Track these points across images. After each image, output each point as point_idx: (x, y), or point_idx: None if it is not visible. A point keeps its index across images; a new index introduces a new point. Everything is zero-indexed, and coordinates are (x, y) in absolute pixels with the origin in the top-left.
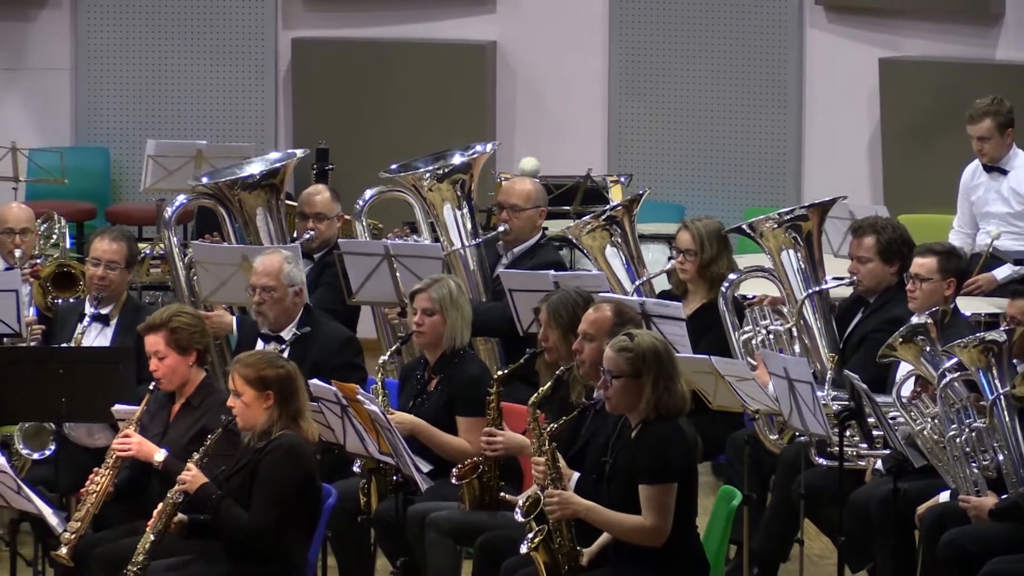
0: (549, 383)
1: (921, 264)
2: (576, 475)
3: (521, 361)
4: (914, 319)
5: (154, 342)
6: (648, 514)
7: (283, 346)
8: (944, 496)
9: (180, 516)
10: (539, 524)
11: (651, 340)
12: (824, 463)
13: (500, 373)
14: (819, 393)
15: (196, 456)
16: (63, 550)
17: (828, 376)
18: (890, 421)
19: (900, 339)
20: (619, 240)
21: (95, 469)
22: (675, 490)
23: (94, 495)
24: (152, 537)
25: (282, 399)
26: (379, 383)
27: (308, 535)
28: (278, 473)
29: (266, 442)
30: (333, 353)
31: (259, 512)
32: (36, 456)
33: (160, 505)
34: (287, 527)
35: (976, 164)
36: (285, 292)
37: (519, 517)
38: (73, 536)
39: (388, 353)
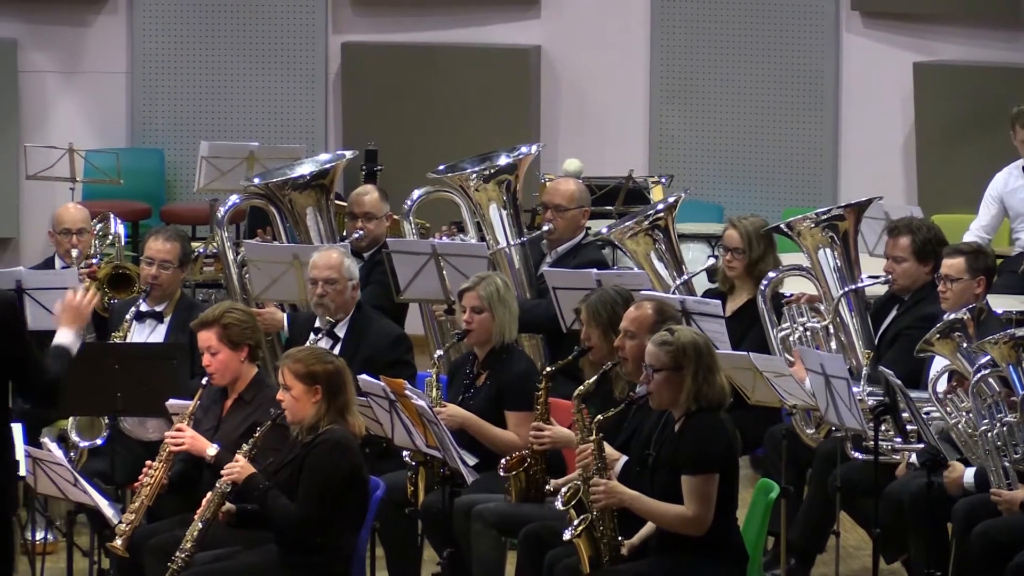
0: (595, 376)
1: (950, 265)
2: (624, 458)
3: (569, 358)
4: (950, 315)
5: (206, 338)
6: (690, 503)
7: (333, 341)
8: (969, 474)
9: (228, 506)
10: (580, 513)
11: (691, 334)
12: (860, 457)
13: (548, 369)
14: (855, 389)
15: (245, 448)
16: (118, 541)
17: (863, 372)
18: (924, 416)
19: (937, 335)
20: (662, 244)
21: (148, 462)
22: (716, 480)
23: (148, 488)
24: (200, 526)
25: (330, 394)
26: (434, 377)
27: (356, 526)
28: (325, 466)
29: (314, 436)
30: (384, 349)
31: (306, 504)
32: (87, 444)
33: (208, 494)
34: (334, 519)
35: (1013, 167)
36: (345, 285)
37: (559, 505)
38: (128, 528)
39: (444, 349)
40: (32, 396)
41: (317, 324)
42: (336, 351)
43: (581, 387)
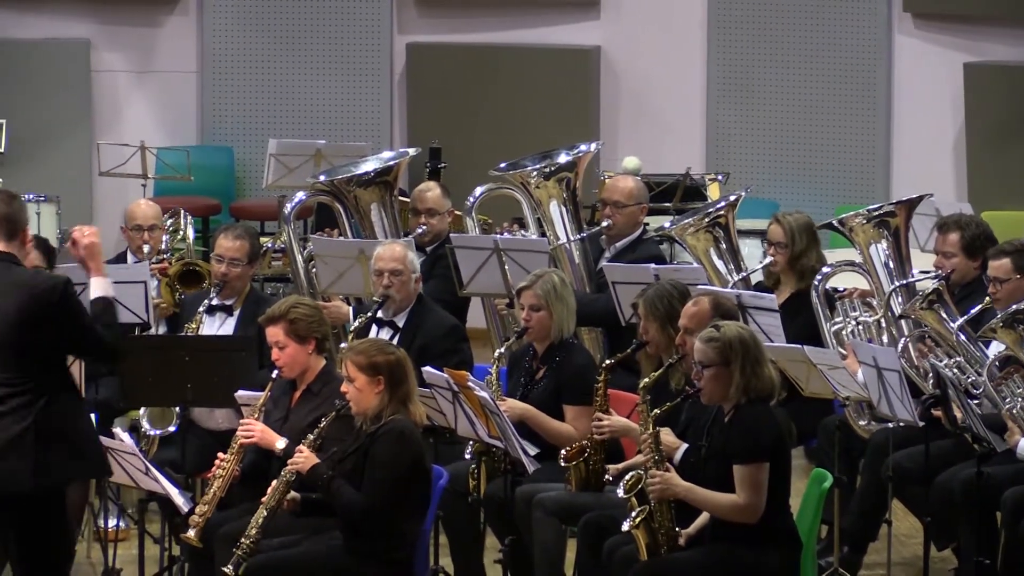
0: (661, 370)
1: (997, 267)
2: (684, 446)
3: (627, 351)
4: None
5: (274, 333)
6: (741, 492)
7: (393, 331)
8: (1022, 445)
9: (293, 494)
10: (640, 502)
11: (736, 329)
12: None
13: (608, 362)
14: None
15: (309, 438)
16: (191, 532)
17: None
18: (974, 407)
19: (1001, 324)
20: (722, 241)
21: (220, 454)
22: (767, 469)
23: (220, 479)
24: (265, 513)
25: (392, 384)
26: (494, 372)
27: (420, 514)
28: (389, 455)
29: (377, 426)
30: (439, 338)
31: (371, 492)
32: (159, 433)
33: (274, 483)
34: (398, 507)
35: None
36: (409, 276)
37: (620, 493)
38: (201, 519)
39: (504, 346)
40: (96, 362)
41: (380, 315)
42: (395, 340)
43: (646, 379)
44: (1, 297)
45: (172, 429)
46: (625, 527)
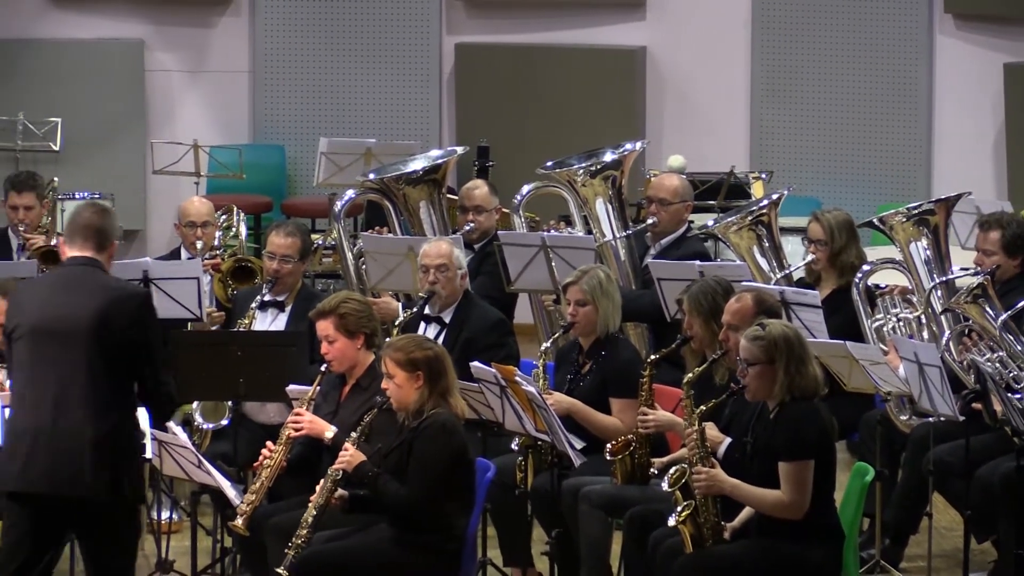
0: (705, 365)
1: None
2: (727, 440)
3: (672, 346)
4: None
5: (324, 327)
6: (787, 489)
7: (440, 327)
8: None
9: (341, 491)
10: (685, 496)
11: (781, 328)
12: None
13: (653, 357)
14: None
15: (354, 436)
16: (239, 520)
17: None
18: (1015, 401)
19: None
20: (765, 239)
21: (269, 444)
22: (811, 466)
23: (268, 469)
24: (315, 512)
25: (431, 378)
26: (540, 367)
27: (467, 506)
28: (432, 449)
29: (419, 420)
30: (484, 332)
31: (415, 486)
32: (211, 427)
33: (322, 481)
34: (444, 499)
35: None
36: (455, 273)
37: (665, 486)
38: (249, 508)
39: (550, 341)
40: (153, 392)
41: (427, 311)
42: (442, 335)
43: (690, 374)
44: (87, 297)
45: (224, 423)
46: (671, 522)
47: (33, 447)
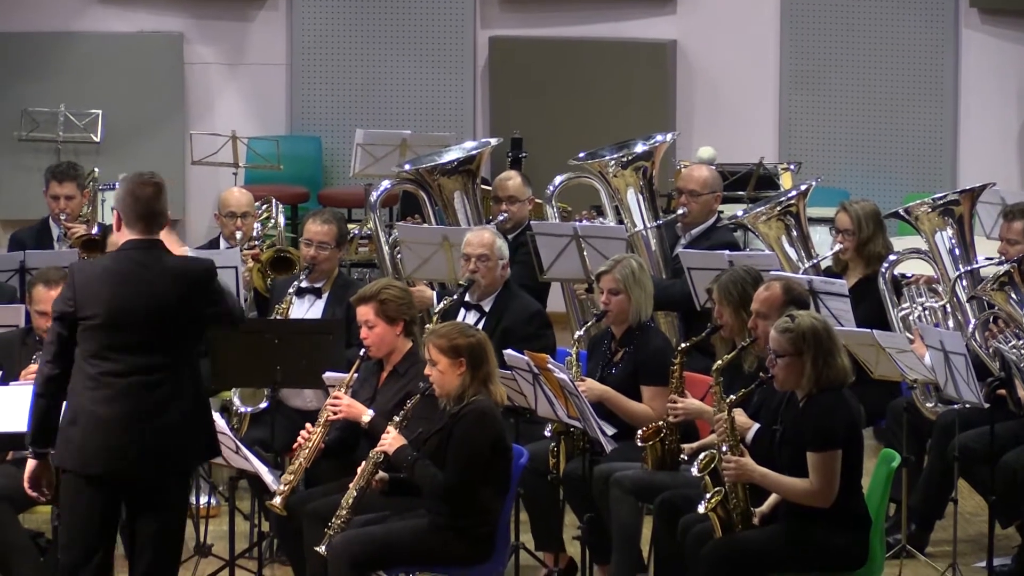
0: (734, 352)
1: None
2: (756, 426)
3: (702, 335)
4: None
5: (364, 312)
6: (815, 478)
7: (480, 315)
8: None
9: (381, 474)
10: (714, 481)
11: (810, 320)
12: None
13: (683, 345)
14: None
15: (396, 419)
16: (277, 500)
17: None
18: None
19: None
20: (793, 229)
21: (308, 426)
22: (839, 457)
23: (306, 451)
24: (355, 493)
25: (473, 365)
26: (573, 355)
27: (502, 492)
28: (471, 435)
29: (460, 406)
30: (522, 323)
31: (454, 471)
32: (250, 410)
33: (363, 464)
34: (480, 484)
35: None
36: (496, 263)
37: (695, 472)
38: (286, 488)
39: (583, 328)
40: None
41: (467, 298)
42: (481, 323)
43: (719, 362)
44: (162, 282)
45: (263, 405)
46: (701, 509)
47: (127, 432)
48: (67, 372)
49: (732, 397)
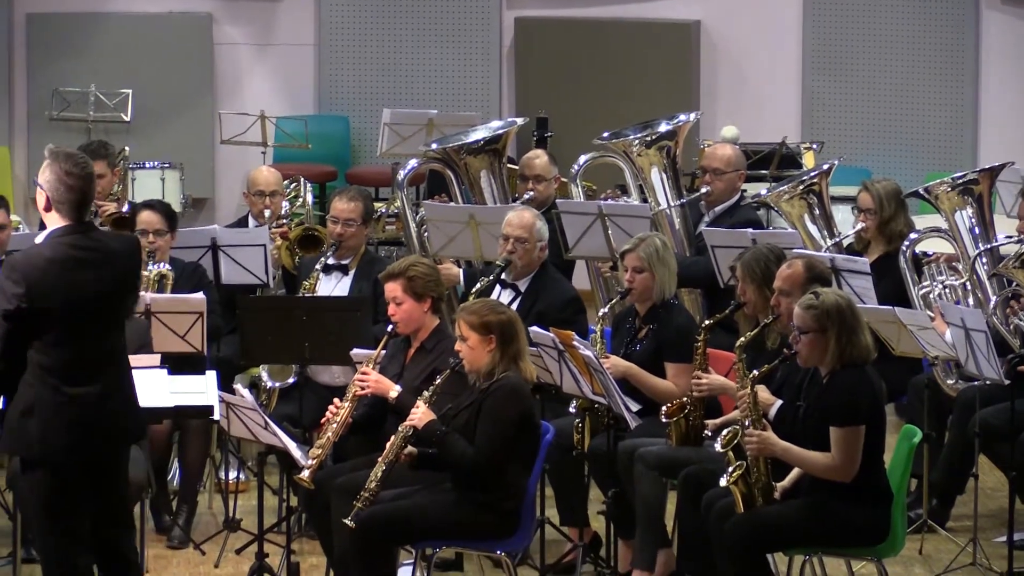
0: (756, 329)
1: None
2: (779, 402)
3: (726, 312)
4: None
5: (392, 289)
6: (837, 453)
7: (515, 295)
8: None
9: (410, 449)
10: (737, 456)
11: (834, 297)
12: None
13: (707, 322)
14: None
15: (426, 394)
16: (305, 474)
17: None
18: None
19: None
20: (816, 207)
21: (335, 401)
22: (862, 432)
23: (334, 426)
24: (384, 467)
25: (503, 342)
26: (598, 332)
27: (528, 467)
28: (501, 411)
29: (490, 383)
30: (557, 308)
31: (483, 446)
32: (279, 385)
33: (392, 438)
34: (508, 459)
35: None
36: (534, 244)
37: (718, 447)
38: (314, 462)
39: (608, 306)
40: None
41: (504, 276)
42: (516, 303)
43: (743, 339)
44: (109, 265)
45: (291, 381)
46: (723, 483)
47: (99, 414)
48: (14, 369)
49: (755, 373)
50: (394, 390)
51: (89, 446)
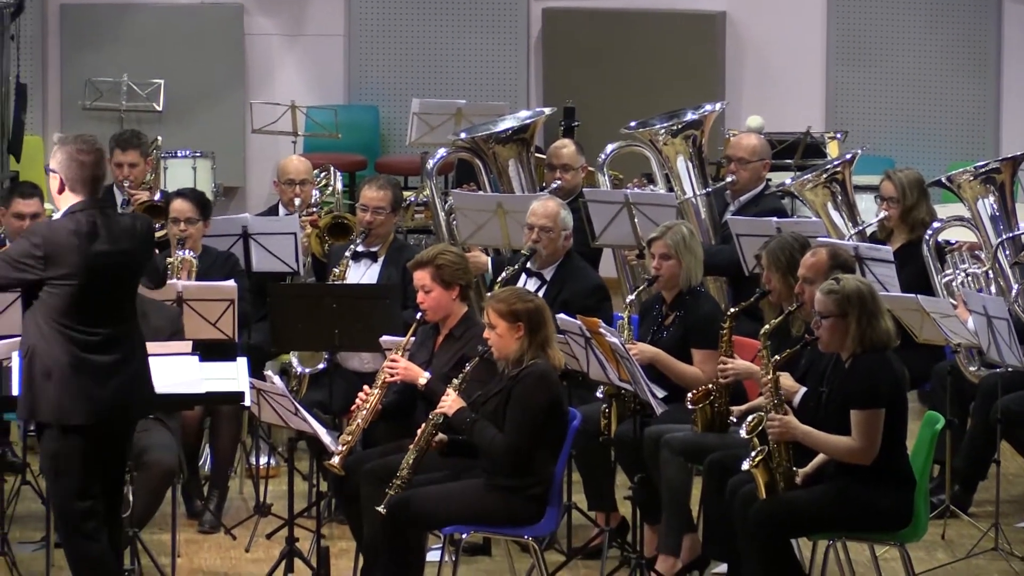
0: (780, 317)
1: None
2: (803, 390)
3: (751, 300)
4: None
5: (421, 276)
6: (857, 436)
7: (541, 283)
8: None
9: (440, 436)
10: (761, 443)
11: (855, 282)
12: None
13: (732, 310)
14: None
15: (455, 382)
16: (335, 460)
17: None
18: None
19: None
20: (839, 196)
21: (365, 388)
22: (882, 415)
23: (364, 412)
24: (415, 454)
25: (532, 329)
26: (625, 319)
27: (555, 453)
28: (529, 398)
29: (519, 370)
30: (583, 296)
31: (512, 433)
32: (308, 371)
33: (423, 425)
34: (537, 446)
35: None
36: (559, 234)
37: (743, 433)
38: (345, 448)
39: (635, 293)
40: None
41: (529, 265)
42: (541, 291)
43: (767, 326)
44: (124, 239)
45: (321, 367)
46: (744, 467)
47: (109, 383)
48: None
49: (776, 358)
50: (423, 377)
51: (95, 413)
